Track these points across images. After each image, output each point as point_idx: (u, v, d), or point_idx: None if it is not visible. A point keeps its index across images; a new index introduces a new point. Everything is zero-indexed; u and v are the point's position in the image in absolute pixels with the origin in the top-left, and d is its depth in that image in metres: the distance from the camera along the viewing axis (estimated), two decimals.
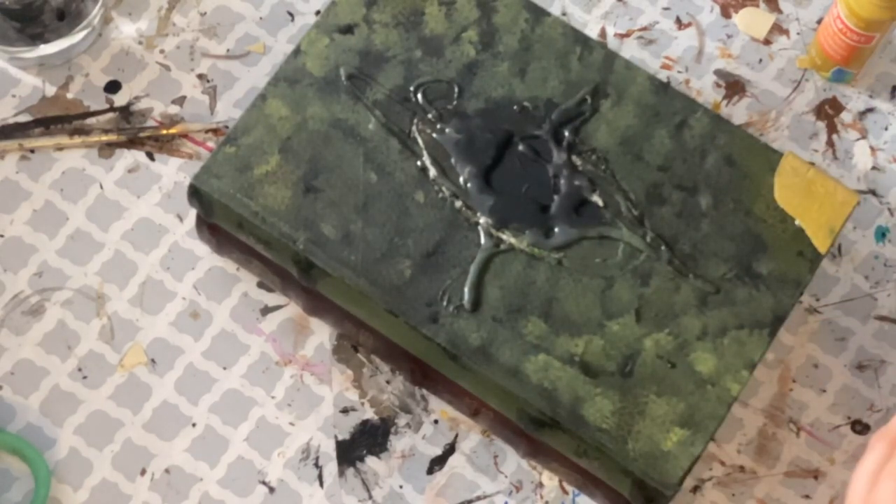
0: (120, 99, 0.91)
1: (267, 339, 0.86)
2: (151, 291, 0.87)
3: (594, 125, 0.83)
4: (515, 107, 0.83)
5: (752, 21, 0.94)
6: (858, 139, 0.91)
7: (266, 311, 0.86)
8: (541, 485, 0.83)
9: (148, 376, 0.85)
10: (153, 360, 0.85)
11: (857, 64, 0.90)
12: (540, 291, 0.80)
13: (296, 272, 0.81)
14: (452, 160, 0.82)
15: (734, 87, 0.92)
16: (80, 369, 0.85)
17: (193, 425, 0.84)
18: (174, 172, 0.89)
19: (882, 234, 0.89)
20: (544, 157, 0.83)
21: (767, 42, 0.94)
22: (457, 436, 0.84)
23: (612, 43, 0.93)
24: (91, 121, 0.90)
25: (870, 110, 0.92)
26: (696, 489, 0.84)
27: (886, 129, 0.92)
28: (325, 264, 0.79)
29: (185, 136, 0.90)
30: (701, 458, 0.83)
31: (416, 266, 0.80)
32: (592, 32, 0.93)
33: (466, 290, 0.79)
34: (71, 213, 0.88)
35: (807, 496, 0.84)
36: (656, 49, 0.93)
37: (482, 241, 0.80)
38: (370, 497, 0.83)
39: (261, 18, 0.93)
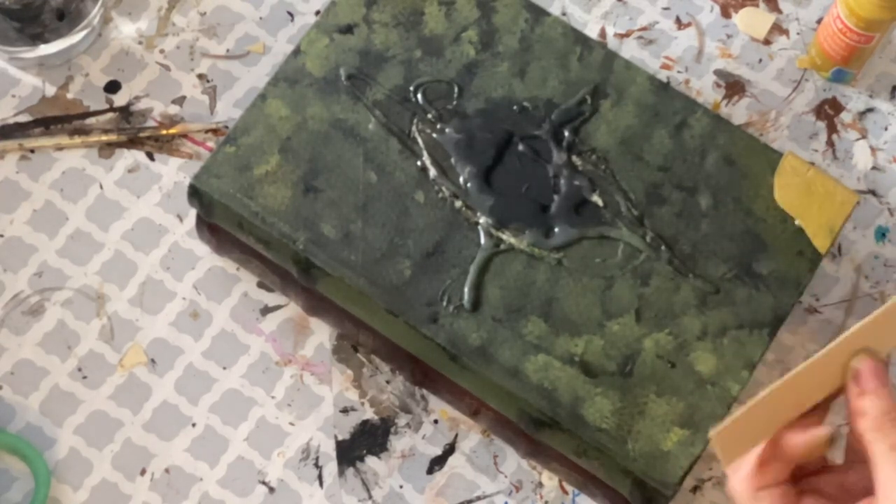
0: (120, 99, 0.91)
1: (267, 339, 0.86)
2: (151, 291, 0.87)
3: (594, 125, 0.83)
4: (515, 107, 0.83)
5: (752, 21, 0.94)
6: (858, 139, 0.91)
7: (266, 311, 0.86)
8: (541, 485, 0.83)
9: (148, 376, 0.85)
10: (153, 360, 0.85)
11: (857, 64, 0.90)
12: (540, 291, 0.80)
13: (296, 272, 0.81)
14: (452, 160, 0.82)
15: (734, 87, 0.92)
16: (79, 369, 0.85)
17: (193, 425, 0.84)
18: (174, 172, 0.89)
19: (882, 234, 0.89)
20: (544, 157, 0.83)
21: (767, 42, 0.94)
22: (457, 436, 0.84)
23: (612, 43, 0.93)
24: (91, 121, 0.90)
25: (870, 110, 0.92)
26: (696, 489, 0.84)
27: (886, 129, 0.92)
28: (325, 264, 0.79)
29: (185, 136, 0.90)
30: (701, 458, 0.83)
31: (416, 266, 0.80)
32: (592, 32, 0.93)
33: (466, 290, 0.79)
34: (71, 213, 0.88)
35: None
36: (656, 49, 0.93)
37: (482, 241, 0.80)
38: (370, 497, 0.83)
39: (261, 18, 0.93)
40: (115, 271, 0.87)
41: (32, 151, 0.89)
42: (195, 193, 0.81)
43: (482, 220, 0.81)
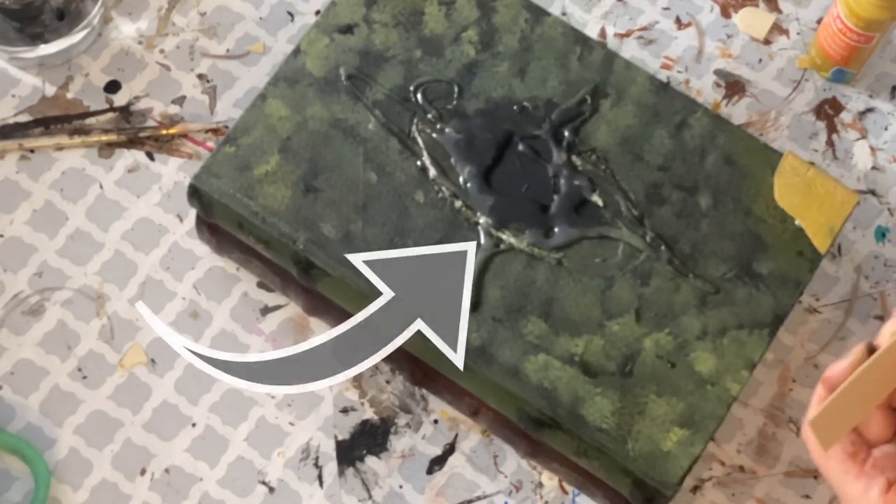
0: (120, 99, 0.91)
1: (267, 339, 0.86)
2: (151, 291, 0.87)
3: (594, 125, 0.83)
4: (515, 107, 0.83)
5: (752, 21, 0.94)
6: (858, 139, 0.91)
7: (266, 311, 0.86)
8: (541, 485, 0.83)
9: (148, 376, 0.85)
10: (153, 360, 0.85)
11: (857, 64, 0.90)
12: (540, 291, 0.80)
13: (296, 272, 0.81)
14: (452, 160, 0.82)
15: (734, 87, 0.92)
16: (79, 369, 0.85)
17: (193, 425, 0.84)
18: (174, 172, 0.89)
19: (882, 234, 0.89)
20: (544, 157, 0.83)
21: (767, 42, 0.94)
22: (457, 436, 0.84)
23: (612, 43, 0.93)
24: (91, 121, 0.90)
25: (870, 110, 0.92)
26: (696, 489, 0.84)
27: (886, 129, 0.92)
28: (325, 264, 0.79)
29: (184, 136, 0.90)
30: (701, 458, 0.83)
31: None
32: (592, 32, 0.93)
33: None
34: (71, 213, 0.88)
35: (807, 496, 0.84)
36: (656, 49, 0.93)
37: (482, 241, 0.80)
38: (370, 497, 0.83)
39: (261, 18, 0.93)
40: (115, 271, 0.87)
41: (32, 151, 0.89)
42: (195, 193, 0.81)
43: (482, 220, 0.81)
